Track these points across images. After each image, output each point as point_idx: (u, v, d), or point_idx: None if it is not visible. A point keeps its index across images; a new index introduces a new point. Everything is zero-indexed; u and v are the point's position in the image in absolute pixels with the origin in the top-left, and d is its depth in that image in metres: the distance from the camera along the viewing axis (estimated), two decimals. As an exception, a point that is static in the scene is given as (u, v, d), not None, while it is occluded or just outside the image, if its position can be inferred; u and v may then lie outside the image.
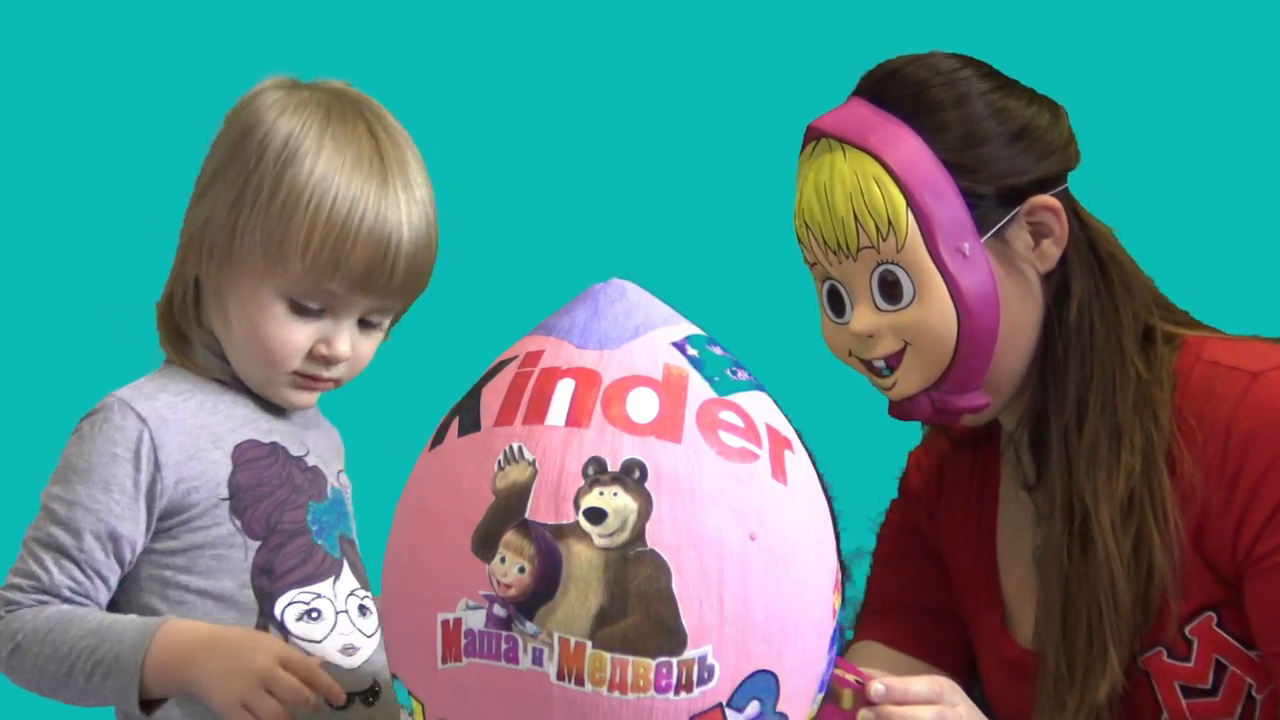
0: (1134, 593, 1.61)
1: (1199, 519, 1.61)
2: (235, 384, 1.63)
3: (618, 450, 1.28)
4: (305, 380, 1.61)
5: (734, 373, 1.37)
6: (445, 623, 1.29)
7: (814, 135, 1.66)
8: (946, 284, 1.60)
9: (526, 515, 1.27)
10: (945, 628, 1.81)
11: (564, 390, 1.32)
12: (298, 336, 1.58)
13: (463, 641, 1.28)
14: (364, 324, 1.61)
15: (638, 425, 1.30)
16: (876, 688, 1.49)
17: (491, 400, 1.34)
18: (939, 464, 1.82)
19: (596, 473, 1.28)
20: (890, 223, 1.60)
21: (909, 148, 1.61)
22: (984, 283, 1.61)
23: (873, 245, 1.61)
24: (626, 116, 2.57)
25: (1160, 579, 1.61)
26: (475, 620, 1.27)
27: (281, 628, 1.57)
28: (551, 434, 1.29)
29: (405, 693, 1.35)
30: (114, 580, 1.56)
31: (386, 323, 1.63)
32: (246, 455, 1.60)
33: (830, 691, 1.47)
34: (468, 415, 1.34)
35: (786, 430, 1.38)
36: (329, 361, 1.60)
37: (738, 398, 1.35)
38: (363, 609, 1.60)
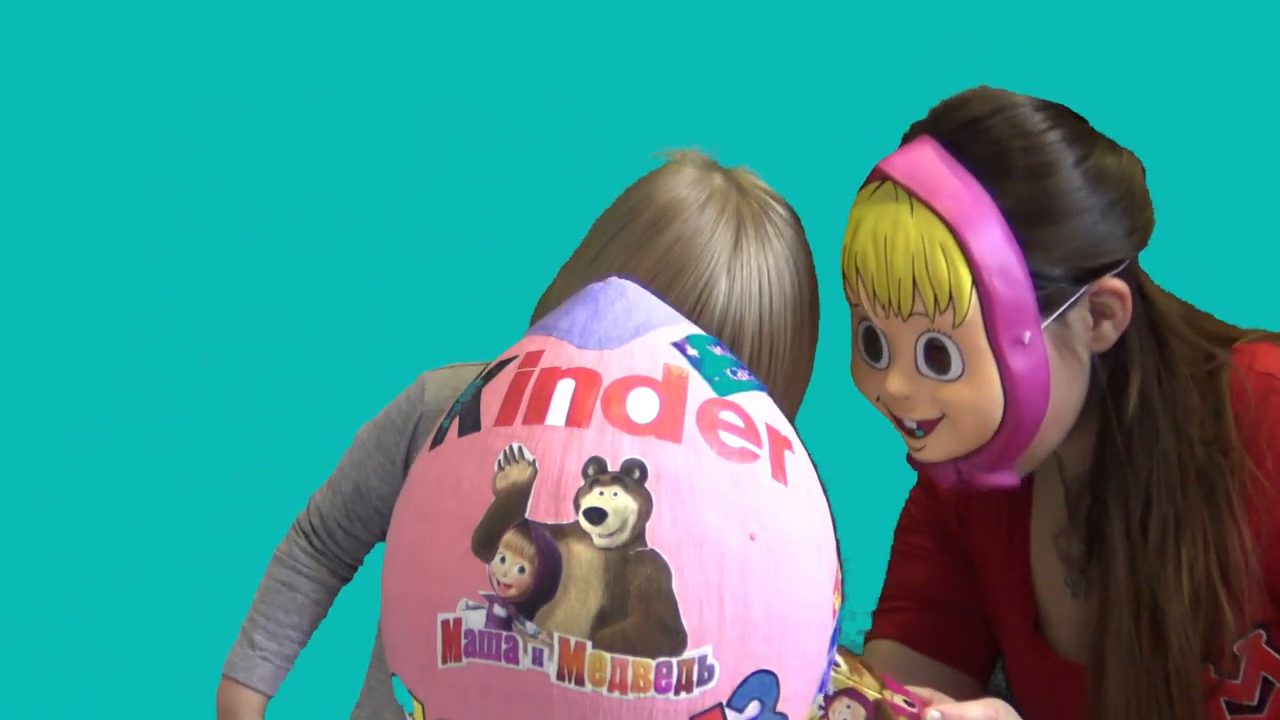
0: (1201, 659, 1.60)
1: (1265, 538, 1.58)
2: None
3: (618, 450, 1.28)
4: None
5: (734, 373, 1.37)
6: (445, 623, 1.29)
7: (879, 176, 1.56)
8: (999, 370, 1.52)
9: (526, 515, 1.27)
10: (967, 626, 1.78)
11: (564, 390, 1.31)
12: None
13: (463, 641, 1.28)
14: None
15: (638, 425, 1.30)
16: (933, 714, 1.48)
17: (491, 400, 1.34)
18: None
19: (596, 473, 1.28)
20: (951, 298, 1.51)
21: (983, 218, 1.51)
22: (1038, 371, 1.53)
23: (927, 314, 1.52)
24: (626, 117, 2.57)
25: (1229, 638, 1.59)
26: (475, 620, 1.27)
27: None
28: (551, 434, 1.29)
29: (405, 692, 1.35)
30: (377, 526, 1.68)
31: None
32: None
33: (884, 717, 1.47)
34: (468, 415, 1.34)
35: (786, 430, 1.37)
36: None
37: (738, 398, 1.35)
38: None
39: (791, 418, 1.58)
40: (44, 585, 2.65)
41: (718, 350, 1.38)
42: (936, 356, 1.54)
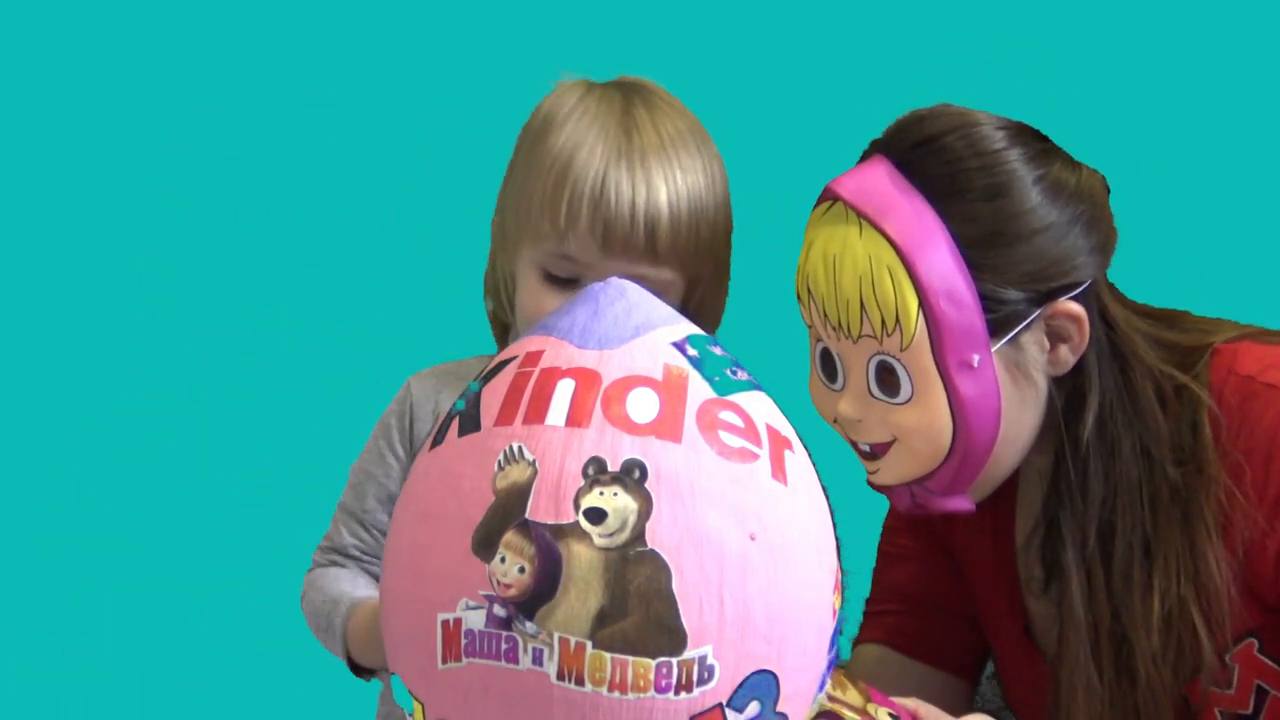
0: (1177, 689, 1.58)
1: (1242, 548, 1.56)
2: None
3: (618, 450, 1.28)
4: None
5: (734, 373, 1.37)
6: (445, 623, 1.29)
7: (830, 196, 1.54)
8: (947, 393, 1.51)
9: (527, 515, 1.27)
10: (956, 629, 1.77)
11: (564, 390, 1.31)
12: (548, 306, 1.56)
13: (463, 641, 1.28)
14: None
15: (638, 425, 1.30)
16: None
17: (491, 400, 1.34)
18: None
19: (596, 473, 1.27)
20: (898, 320, 1.50)
21: (932, 240, 1.49)
22: (987, 395, 1.51)
23: (875, 336, 1.51)
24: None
25: (1207, 667, 1.56)
26: (475, 620, 1.27)
27: None
28: (551, 434, 1.29)
29: (405, 692, 1.35)
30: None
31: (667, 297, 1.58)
32: None
33: None
34: (468, 415, 1.34)
35: (786, 430, 1.37)
36: None
37: (738, 398, 1.35)
38: None
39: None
40: (34, 587, 2.66)
41: (717, 350, 1.38)
42: (887, 379, 1.53)
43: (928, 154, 1.52)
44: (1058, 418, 1.57)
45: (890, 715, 1.49)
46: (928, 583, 1.78)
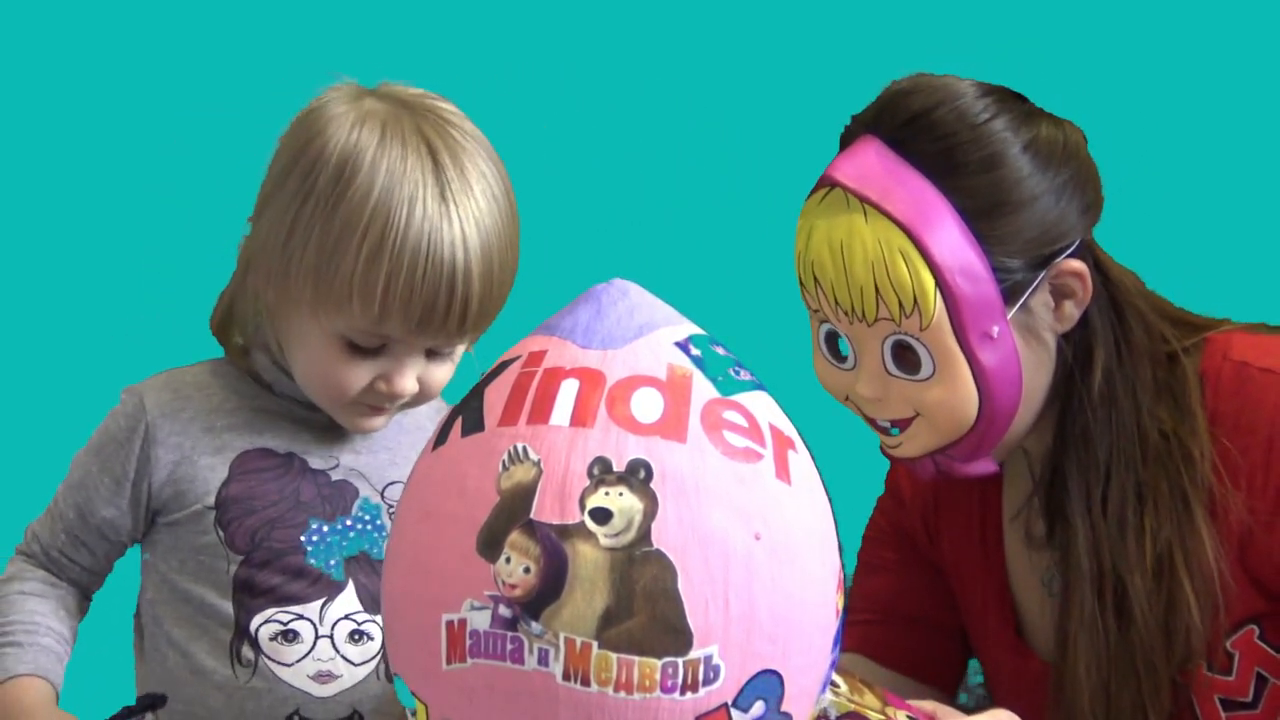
0: (1170, 659, 1.58)
1: (1242, 534, 1.57)
2: (287, 390, 1.60)
3: (623, 450, 1.28)
4: (369, 410, 1.58)
5: (737, 372, 1.37)
6: (450, 623, 1.28)
7: (826, 183, 1.54)
8: (972, 367, 1.52)
9: (532, 515, 1.27)
10: (931, 640, 1.77)
11: (568, 390, 1.31)
12: (355, 376, 1.53)
13: (467, 642, 1.28)
14: (432, 354, 1.56)
15: (642, 425, 1.29)
16: None
17: (495, 400, 1.33)
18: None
19: (602, 473, 1.27)
20: (916, 302, 1.50)
21: (939, 218, 1.50)
22: (1009, 363, 1.53)
23: (892, 319, 1.51)
24: (627, 117, 2.57)
25: (1197, 638, 1.57)
26: (480, 621, 1.27)
27: (255, 645, 1.55)
28: (556, 434, 1.29)
29: (409, 693, 1.34)
30: (103, 551, 1.59)
31: (460, 350, 1.58)
32: (248, 465, 1.58)
33: None
34: (471, 415, 1.34)
35: (789, 430, 1.37)
36: (392, 397, 1.56)
37: (741, 398, 1.35)
38: (355, 635, 1.58)
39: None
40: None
41: (720, 350, 1.38)
42: (905, 357, 1.53)
43: (919, 131, 1.52)
44: (1066, 372, 1.58)
45: (909, 717, 1.48)
46: (905, 594, 1.78)
